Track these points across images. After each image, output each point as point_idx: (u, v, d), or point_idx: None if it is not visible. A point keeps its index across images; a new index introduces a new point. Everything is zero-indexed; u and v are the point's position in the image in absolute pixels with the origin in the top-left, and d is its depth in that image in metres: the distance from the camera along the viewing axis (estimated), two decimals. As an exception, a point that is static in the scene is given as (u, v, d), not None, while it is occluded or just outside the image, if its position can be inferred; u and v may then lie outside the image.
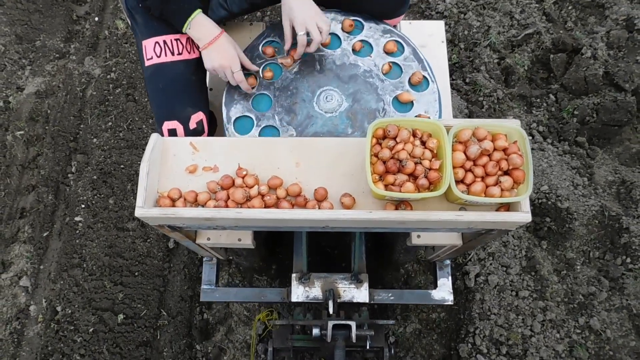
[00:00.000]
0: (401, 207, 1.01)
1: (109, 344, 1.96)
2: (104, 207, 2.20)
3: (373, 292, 1.57)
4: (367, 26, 1.40)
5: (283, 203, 1.03)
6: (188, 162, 1.09)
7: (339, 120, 1.28)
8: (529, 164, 0.95)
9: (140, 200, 0.97)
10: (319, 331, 1.47)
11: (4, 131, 2.41)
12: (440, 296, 1.63)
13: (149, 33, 1.28)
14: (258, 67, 1.34)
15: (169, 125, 1.26)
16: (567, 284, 2.03)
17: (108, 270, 2.08)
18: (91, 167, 2.29)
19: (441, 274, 1.64)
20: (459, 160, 0.96)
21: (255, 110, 1.31)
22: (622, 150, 2.36)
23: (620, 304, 1.99)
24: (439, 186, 0.95)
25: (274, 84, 1.34)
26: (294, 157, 1.08)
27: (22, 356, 1.99)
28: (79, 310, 2.01)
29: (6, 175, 2.32)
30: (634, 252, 2.02)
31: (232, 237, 1.32)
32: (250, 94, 1.33)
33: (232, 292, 1.69)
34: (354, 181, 1.06)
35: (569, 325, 1.94)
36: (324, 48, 1.37)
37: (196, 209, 0.98)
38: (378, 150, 1.00)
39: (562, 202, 2.07)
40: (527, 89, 2.49)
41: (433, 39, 1.59)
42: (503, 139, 0.97)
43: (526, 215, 0.95)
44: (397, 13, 1.43)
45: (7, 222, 2.23)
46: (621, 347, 1.94)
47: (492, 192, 0.96)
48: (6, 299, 2.09)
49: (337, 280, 1.54)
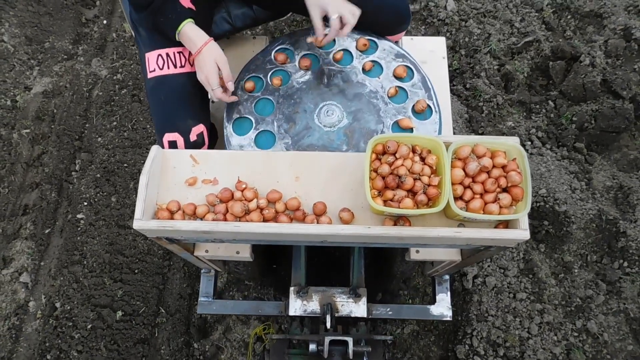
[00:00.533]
0: (400, 222, 1.02)
1: (107, 341, 1.97)
2: (106, 204, 2.23)
3: (371, 306, 1.57)
4: (381, 47, 1.40)
5: (282, 217, 1.03)
6: (188, 174, 1.09)
7: (336, 136, 1.28)
8: (528, 182, 0.96)
9: (139, 212, 0.97)
10: (315, 346, 1.46)
11: (10, 129, 2.44)
12: (439, 312, 1.63)
13: (152, 45, 1.30)
14: (267, 72, 1.34)
15: (170, 137, 1.27)
16: (564, 287, 2.03)
17: (108, 267, 2.10)
18: (95, 165, 2.32)
19: (440, 289, 1.64)
20: (458, 176, 0.97)
21: (256, 113, 1.32)
22: (620, 156, 2.37)
23: (618, 307, 1.99)
24: (438, 202, 0.96)
25: (279, 90, 1.34)
26: (293, 171, 1.09)
27: (19, 352, 1.99)
28: (77, 307, 2.02)
29: (10, 173, 2.35)
30: (630, 256, 2.02)
31: (230, 250, 1.32)
32: (255, 97, 1.33)
33: (229, 304, 1.69)
34: (353, 196, 1.07)
35: (566, 328, 1.94)
36: (335, 63, 1.38)
37: (194, 221, 0.98)
38: (377, 165, 1.01)
39: (560, 205, 2.09)
40: (527, 95, 2.52)
41: (434, 55, 1.60)
42: (502, 156, 0.98)
43: (524, 232, 0.95)
44: (398, 29, 1.43)
45: (9, 218, 2.26)
46: (618, 351, 1.93)
47: (491, 209, 0.96)
48: (5, 295, 2.10)
49: (335, 294, 1.53)
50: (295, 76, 1.37)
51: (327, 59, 1.39)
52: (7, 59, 2.62)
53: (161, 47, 1.29)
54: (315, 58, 1.39)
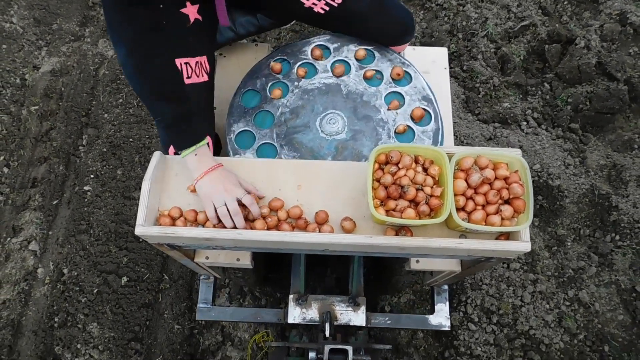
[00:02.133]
0: (401, 232, 1.02)
1: (112, 305, 2.03)
2: (112, 177, 2.29)
3: (370, 315, 1.57)
4: (378, 56, 1.40)
5: (284, 225, 1.03)
6: (190, 181, 1.08)
7: (348, 138, 1.29)
8: (530, 194, 0.96)
9: (141, 218, 0.97)
10: (315, 355, 1.46)
11: (20, 106, 2.52)
12: (437, 322, 1.63)
13: None
14: (266, 85, 1.35)
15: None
16: (557, 259, 2.08)
17: (114, 236, 2.16)
18: (101, 140, 2.39)
19: (439, 299, 1.64)
20: (460, 188, 0.97)
21: (256, 127, 1.31)
22: (614, 137, 2.43)
23: (609, 279, 2.04)
24: (440, 213, 0.96)
25: (280, 100, 1.35)
26: (295, 179, 1.08)
27: (28, 315, 2.06)
28: (84, 273, 2.09)
29: (20, 147, 2.42)
30: (622, 229, 2.08)
31: (230, 256, 1.32)
32: (254, 109, 1.32)
33: (228, 311, 1.68)
34: (355, 205, 1.06)
35: (558, 298, 2.00)
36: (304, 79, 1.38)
37: (196, 228, 0.99)
38: (380, 175, 1.01)
39: (554, 180, 2.14)
40: (523, 77, 2.58)
41: (436, 65, 1.59)
42: (504, 168, 0.98)
43: (526, 244, 0.94)
44: (403, 40, 1.43)
45: (19, 190, 2.33)
46: (609, 321, 1.99)
47: (493, 220, 0.96)
48: (15, 262, 2.17)
49: (334, 303, 1.53)
50: (295, 87, 1.36)
51: (293, 79, 1.37)
52: (16, 40, 2.70)
53: None
54: (283, 85, 1.37)
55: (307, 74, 1.37)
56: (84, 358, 1.96)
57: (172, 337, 2.00)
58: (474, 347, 1.92)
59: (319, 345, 1.44)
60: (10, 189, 2.33)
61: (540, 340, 1.92)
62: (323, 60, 1.39)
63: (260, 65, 1.39)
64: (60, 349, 1.98)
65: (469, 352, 1.92)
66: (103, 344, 1.98)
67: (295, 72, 1.37)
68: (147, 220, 0.99)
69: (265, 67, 1.38)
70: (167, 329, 2.01)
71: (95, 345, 1.98)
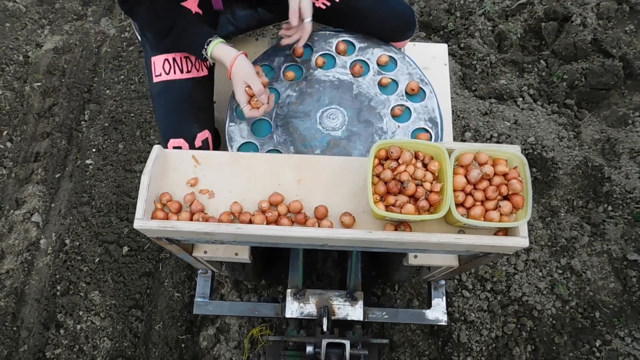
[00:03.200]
0: (401, 227, 1.02)
1: (114, 274, 2.07)
2: (113, 151, 2.33)
3: (367, 310, 1.58)
4: (400, 67, 1.40)
5: (283, 220, 1.03)
6: (189, 175, 1.08)
7: (342, 137, 1.29)
8: (529, 190, 0.97)
9: (140, 212, 0.97)
10: (312, 349, 1.46)
11: (23, 83, 2.55)
12: (434, 316, 1.63)
13: (159, 50, 1.28)
14: (282, 65, 1.37)
15: (175, 142, 1.26)
16: (551, 229, 2.12)
17: (115, 207, 2.20)
18: (103, 115, 2.43)
19: (436, 294, 1.65)
20: (459, 183, 0.97)
21: (256, 136, 1.32)
22: (609, 113, 2.45)
23: (601, 248, 2.07)
24: (439, 209, 0.96)
25: (290, 82, 1.36)
26: (296, 174, 1.08)
27: (31, 284, 2.10)
28: (86, 243, 2.13)
29: (23, 123, 2.46)
30: (615, 200, 2.11)
31: (229, 251, 1.31)
32: (251, 120, 1.33)
33: (225, 305, 1.68)
34: (355, 200, 1.06)
35: (551, 266, 2.03)
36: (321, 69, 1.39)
37: (195, 223, 0.98)
38: (380, 170, 1.01)
39: (548, 152, 2.17)
40: (520, 55, 2.61)
41: (436, 61, 1.60)
42: (504, 164, 0.99)
43: (524, 240, 0.95)
44: (404, 36, 1.42)
45: (22, 164, 2.37)
46: (601, 289, 2.02)
47: (492, 216, 0.96)
48: (18, 233, 2.21)
49: (332, 297, 1.53)
50: (309, 74, 1.37)
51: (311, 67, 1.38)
52: (19, 18, 2.73)
53: (168, 52, 1.28)
54: (297, 68, 1.39)
55: (325, 64, 1.38)
56: (86, 324, 2.00)
57: (172, 305, 2.04)
58: (468, 314, 1.96)
59: (317, 339, 1.45)
60: (14, 162, 2.37)
61: (533, 307, 1.96)
62: (345, 56, 1.39)
63: (277, 46, 1.40)
64: (62, 316, 2.02)
65: (463, 318, 1.96)
66: (104, 311, 2.02)
67: (315, 61, 1.38)
68: (146, 214, 0.98)
69: (288, 47, 1.38)
70: (167, 297, 2.05)
71: (97, 312, 2.02)
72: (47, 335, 1.99)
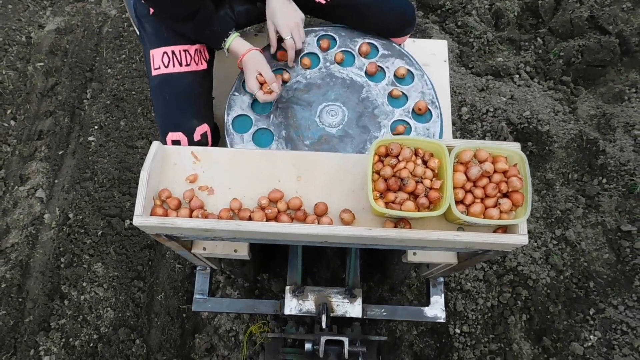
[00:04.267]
0: (400, 225, 1.02)
1: (116, 246, 2.11)
2: (115, 128, 2.37)
3: (366, 307, 1.58)
4: (382, 51, 1.40)
5: (283, 216, 1.02)
6: (189, 171, 1.07)
7: (336, 136, 1.29)
8: (528, 188, 0.97)
9: (139, 209, 0.96)
10: (311, 346, 1.46)
11: (26, 63, 2.59)
12: (433, 314, 1.63)
13: (158, 43, 1.28)
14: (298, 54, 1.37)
15: (174, 136, 1.26)
16: (546, 202, 2.15)
17: (117, 182, 2.24)
18: (105, 93, 2.46)
19: (434, 291, 1.65)
20: (459, 180, 0.97)
21: (254, 111, 1.32)
22: (605, 90, 2.48)
23: (596, 220, 2.10)
24: (439, 206, 0.96)
25: (304, 70, 1.35)
26: (295, 170, 1.08)
27: (36, 257, 2.15)
28: (89, 217, 2.17)
29: (26, 102, 2.50)
30: (609, 172, 2.13)
31: (228, 248, 1.31)
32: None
33: (224, 302, 1.67)
34: (354, 197, 1.06)
35: (546, 237, 2.06)
36: (337, 65, 1.38)
37: (195, 219, 0.97)
38: (380, 167, 1.01)
39: (543, 126, 2.20)
40: (517, 33, 2.63)
41: (436, 58, 1.59)
42: (503, 162, 0.99)
43: (523, 237, 0.95)
44: (404, 33, 1.41)
45: (25, 142, 2.41)
46: (595, 260, 2.05)
47: (491, 213, 0.96)
48: (22, 209, 2.25)
49: (330, 295, 1.53)
50: (324, 66, 1.37)
51: (329, 60, 1.38)
52: (21, 0, 2.77)
53: (167, 45, 1.28)
54: (315, 57, 1.39)
55: (343, 61, 1.38)
56: (90, 295, 2.05)
57: (174, 276, 2.08)
58: (464, 283, 1.99)
59: (316, 336, 1.44)
60: (17, 140, 2.41)
61: (528, 276, 1.99)
62: (365, 58, 1.38)
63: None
64: (66, 288, 2.07)
65: (459, 287, 1.99)
66: (107, 282, 2.06)
67: (334, 56, 1.37)
68: (145, 210, 0.97)
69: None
70: (169, 268, 2.09)
71: (100, 283, 2.06)
72: (51, 306, 2.04)
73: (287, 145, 1.28)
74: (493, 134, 2.21)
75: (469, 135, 2.23)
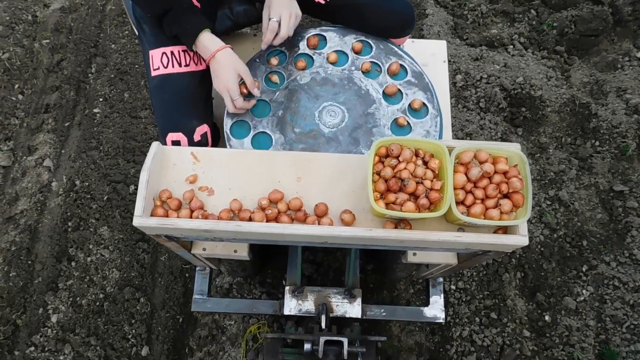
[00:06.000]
0: (400, 225, 1.02)
1: (122, 210, 2.18)
2: (120, 99, 2.44)
3: (366, 307, 1.58)
4: (377, 49, 1.39)
5: (283, 217, 1.02)
6: (188, 172, 1.07)
7: (326, 136, 1.28)
8: (529, 188, 0.97)
9: (139, 209, 0.96)
10: (310, 346, 1.45)
11: (32, 40, 2.67)
12: (432, 314, 1.63)
13: (157, 43, 1.27)
14: (262, 73, 1.35)
15: (173, 137, 1.25)
16: (540, 164, 2.19)
17: (122, 151, 2.31)
18: (109, 67, 2.54)
19: (434, 291, 1.65)
20: (460, 181, 0.97)
21: (252, 116, 1.30)
22: (599, 59, 2.52)
23: (589, 181, 2.15)
24: (440, 207, 0.96)
25: (277, 91, 1.33)
26: (295, 171, 1.08)
27: (44, 222, 2.22)
28: (95, 183, 2.24)
29: (33, 77, 2.57)
30: (602, 135, 2.18)
31: (228, 248, 1.30)
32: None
33: (224, 302, 1.68)
34: (355, 198, 1.06)
35: (540, 197, 2.11)
36: (331, 65, 1.37)
37: (195, 220, 0.97)
38: (380, 168, 1.00)
39: (536, 90, 2.25)
40: (510, 5, 2.67)
41: (435, 58, 1.59)
42: (504, 162, 0.98)
43: (524, 238, 0.95)
44: (403, 33, 1.41)
45: (33, 115, 2.48)
46: (588, 220, 2.10)
47: (492, 214, 0.96)
48: (31, 177, 2.33)
49: (330, 295, 1.53)
50: (291, 77, 1.35)
51: (322, 60, 1.38)
52: (28, -19, 2.84)
53: (166, 45, 1.27)
54: (309, 59, 1.38)
55: (337, 62, 1.37)
56: (96, 257, 2.11)
57: (177, 238, 2.14)
58: (458, 242, 2.04)
59: (315, 336, 1.44)
60: (25, 113, 2.48)
61: (521, 234, 2.04)
62: (392, 78, 1.35)
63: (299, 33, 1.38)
64: (73, 250, 2.13)
65: (454, 246, 2.04)
66: (113, 244, 2.13)
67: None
68: (145, 211, 0.97)
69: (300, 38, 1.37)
70: (172, 232, 2.16)
71: (106, 245, 2.13)
72: (59, 267, 2.11)
73: (277, 125, 1.28)
74: (487, 99, 2.26)
75: (463, 101, 2.28)
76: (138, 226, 0.96)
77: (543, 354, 1.89)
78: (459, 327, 1.93)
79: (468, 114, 2.24)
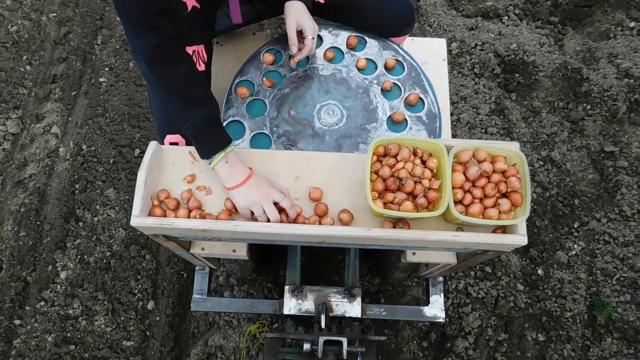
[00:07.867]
0: (399, 225, 1.01)
1: (127, 172, 2.25)
2: (125, 69, 2.51)
3: (365, 306, 1.58)
4: (371, 44, 1.40)
5: (282, 216, 1.02)
6: (186, 171, 1.07)
7: (335, 135, 1.28)
8: (527, 188, 0.96)
9: (137, 209, 0.96)
10: (310, 346, 1.45)
11: (39, 14, 2.74)
12: (432, 313, 1.63)
13: None
14: (259, 74, 1.35)
15: (172, 138, 1.25)
16: (532, 128, 2.26)
17: (127, 117, 2.38)
18: (115, 39, 2.60)
19: (434, 290, 1.65)
20: (458, 181, 0.96)
21: (248, 116, 1.30)
22: (592, 30, 2.58)
23: (581, 143, 2.21)
24: (438, 206, 0.96)
25: (273, 91, 1.34)
26: (293, 170, 1.07)
27: (52, 186, 2.29)
28: (101, 147, 2.31)
29: (40, 49, 2.64)
30: (593, 99, 2.24)
31: (226, 248, 1.30)
32: (245, 100, 1.32)
33: (223, 302, 1.68)
34: (353, 197, 1.05)
35: (532, 157, 2.17)
36: (327, 62, 1.38)
37: (193, 220, 0.97)
38: (378, 167, 1.00)
39: (529, 56, 2.31)
40: (506, -22, 2.74)
41: (435, 56, 1.59)
42: (502, 162, 0.98)
43: (522, 238, 0.94)
44: (402, 32, 1.41)
45: (40, 85, 2.55)
46: (580, 180, 2.16)
47: (490, 214, 0.95)
48: (39, 143, 2.40)
49: (329, 294, 1.53)
50: (288, 76, 1.36)
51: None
52: (35, -41, 2.91)
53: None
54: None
55: (334, 59, 1.38)
56: (102, 217, 2.18)
57: (181, 199, 2.21)
58: (453, 200, 2.10)
59: (314, 336, 1.44)
60: (33, 83, 2.55)
61: (515, 193, 2.10)
62: (389, 73, 1.37)
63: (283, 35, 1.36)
64: (81, 211, 2.20)
65: (449, 204, 2.10)
66: (119, 205, 2.20)
67: (324, 53, 1.38)
68: (143, 211, 0.97)
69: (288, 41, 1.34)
70: (177, 193, 2.23)
71: (112, 206, 2.20)
72: (67, 227, 2.18)
73: (277, 100, 1.29)
74: (481, 65, 2.33)
75: (458, 67, 2.35)
76: (136, 226, 0.96)
77: (536, 305, 1.95)
78: (454, 280, 1.99)
79: (463, 79, 2.31)
